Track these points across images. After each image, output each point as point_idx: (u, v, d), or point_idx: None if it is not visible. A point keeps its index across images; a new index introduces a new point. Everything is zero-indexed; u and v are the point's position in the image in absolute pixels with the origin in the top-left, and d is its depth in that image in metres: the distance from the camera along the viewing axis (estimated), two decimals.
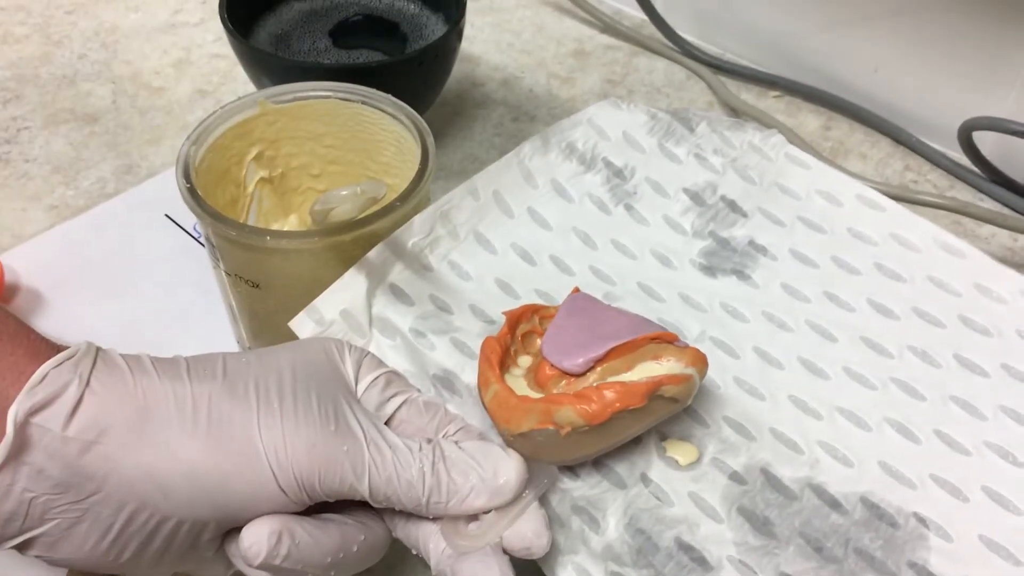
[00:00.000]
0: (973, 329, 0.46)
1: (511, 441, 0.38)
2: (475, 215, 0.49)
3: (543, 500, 0.38)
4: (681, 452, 0.41)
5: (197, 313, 0.55)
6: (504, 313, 0.42)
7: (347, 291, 0.44)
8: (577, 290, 0.43)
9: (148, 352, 0.36)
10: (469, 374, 0.43)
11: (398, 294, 0.45)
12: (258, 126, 0.50)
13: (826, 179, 0.52)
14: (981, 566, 0.38)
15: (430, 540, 0.36)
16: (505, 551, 0.36)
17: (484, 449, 0.37)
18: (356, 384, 0.38)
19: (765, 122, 0.66)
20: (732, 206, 0.51)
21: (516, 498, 0.36)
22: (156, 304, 0.56)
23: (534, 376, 0.40)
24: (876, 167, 0.66)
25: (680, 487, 0.40)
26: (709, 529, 0.39)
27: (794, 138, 0.64)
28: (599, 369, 0.39)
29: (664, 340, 0.39)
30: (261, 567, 0.34)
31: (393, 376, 0.39)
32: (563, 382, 0.39)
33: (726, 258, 0.49)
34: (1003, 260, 0.55)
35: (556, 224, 0.50)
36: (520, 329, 0.42)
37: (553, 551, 0.38)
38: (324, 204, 0.42)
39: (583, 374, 0.39)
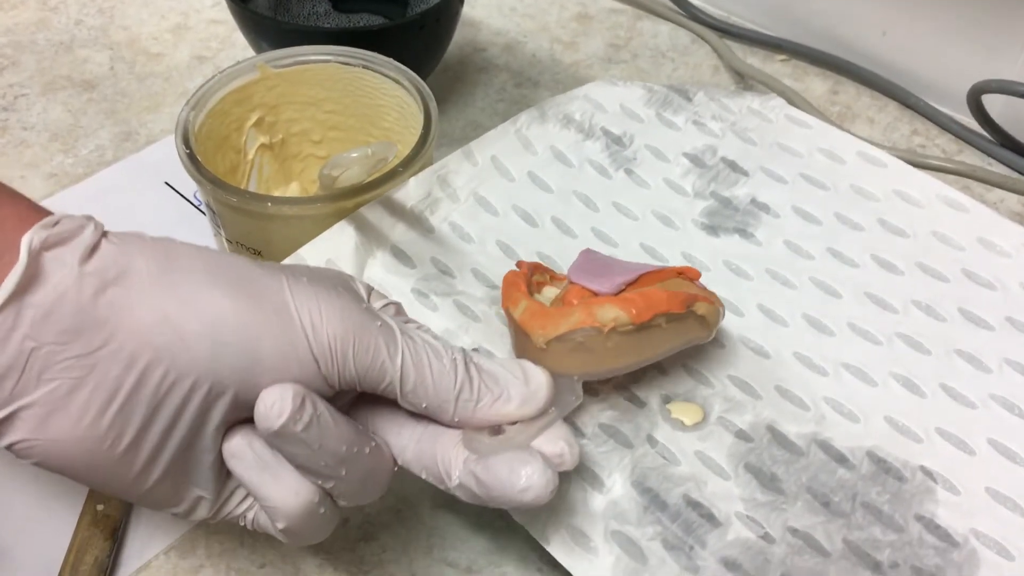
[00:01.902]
0: (977, 283, 0.46)
1: (541, 353, 0.37)
2: (474, 179, 0.49)
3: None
4: (686, 413, 0.40)
5: None
6: (519, 264, 0.42)
7: (332, 242, 0.44)
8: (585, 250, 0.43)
9: None
10: (472, 334, 0.43)
11: (399, 256, 0.45)
12: (258, 91, 0.49)
13: (828, 137, 0.52)
14: (988, 517, 0.38)
15: (450, 453, 0.34)
16: None
17: (513, 360, 0.35)
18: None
19: (772, 87, 0.65)
20: (733, 166, 0.51)
21: (544, 410, 0.35)
22: None
23: (562, 298, 0.39)
24: (884, 131, 0.66)
25: (687, 446, 0.40)
26: (717, 486, 0.39)
27: (801, 102, 0.64)
28: (628, 293, 0.38)
29: (688, 277, 0.40)
30: (280, 433, 0.30)
31: (400, 308, 0.38)
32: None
33: (728, 217, 0.49)
34: None
35: (557, 187, 0.49)
36: (534, 279, 0.42)
37: (544, 516, 0.38)
38: (333, 167, 0.41)
39: (615, 296, 0.38)
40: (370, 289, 0.37)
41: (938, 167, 0.58)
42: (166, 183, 0.60)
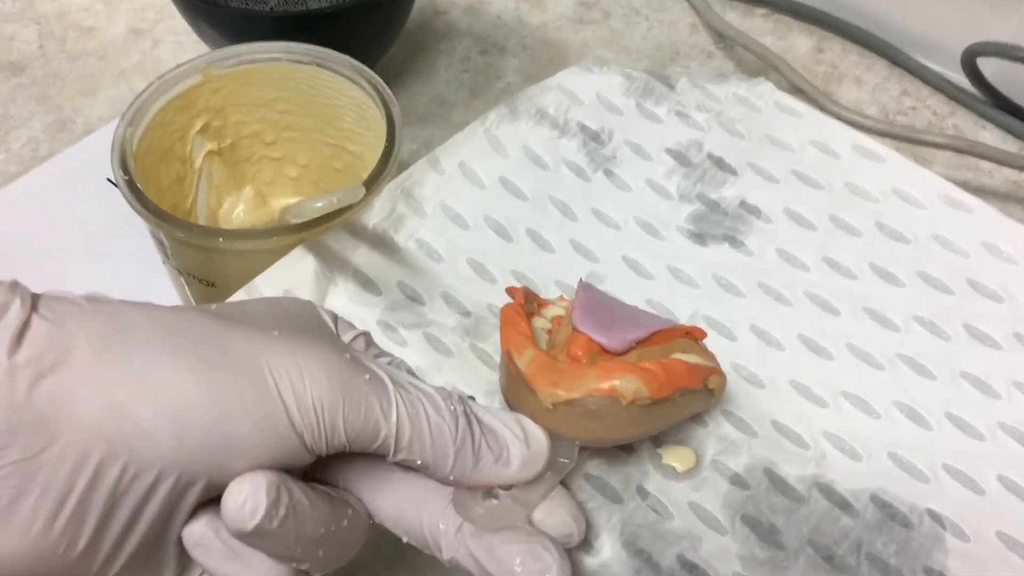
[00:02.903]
0: (983, 294, 0.43)
1: (545, 412, 0.34)
2: (441, 189, 0.45)
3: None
4: (678, 458, 0.38)
5: (150, 288, 0.50)
6: (510, 289, 0.38)
7: (291, 271, 0.40)
8: (582, 280, 0.39)
9: None
10: (446, 373, 0.39)
11: (363, 282, 0.41)
12: (202, 95, 0.45)
13: (820, 128, 0.48)
14: (1001, 566, 0.36)
15: (437, 518, 0.31)
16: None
17: (510, 416, 0.32)
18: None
19: (753, 49, 0.61)
20: (720, 164, 0.47)
21: (541, 475, 0.32)
22: (101, 283, 0.51)
23: (568, 349, 0.35)
24: (872, 93, 0.62)
25: (680, 496, 0.37)
26: (713, 543, 0.36)
27: (787, 69, 0.60)
28: (636, 352, 0.35)
29: (695, 337, 0.37)
30: (254, 532, 0.27)
31: (370, 338, 0.34)
32: (600, 361, 0.35)
33: (716, 222, 0.45)
34: (1008, 196, 0.52)
35: (532, 193, 0.45)
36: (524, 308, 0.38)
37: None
38: (297, 216, 0.37)
39: (623, 353, 0.35)
40: (335, 318, 0.34)
41: (933, 142, 0.54)
42: (108, 179, 0.56)
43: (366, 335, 0.34)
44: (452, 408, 0.30)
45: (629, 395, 0.33)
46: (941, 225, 0.45)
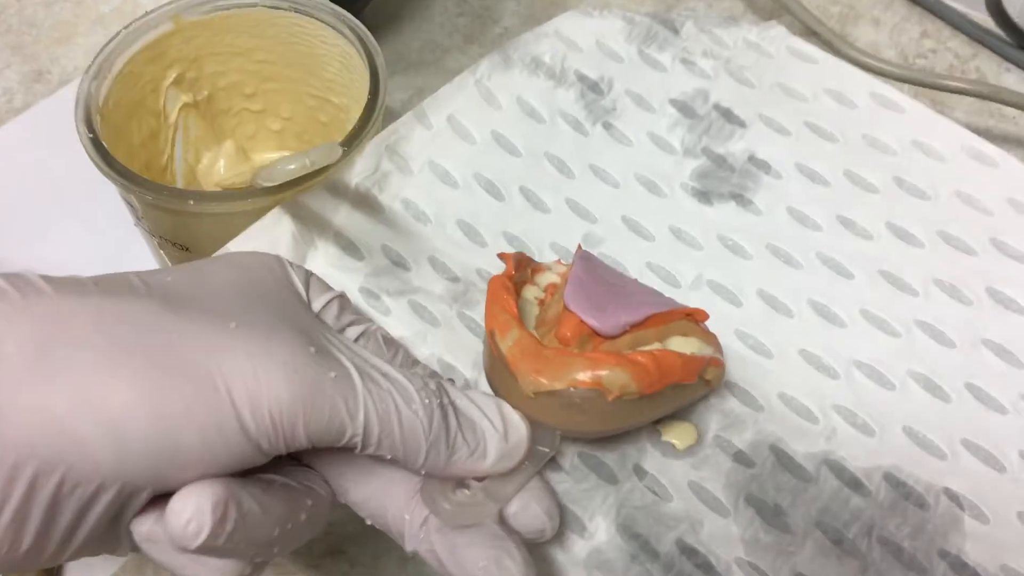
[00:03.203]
0: (1007, 254, 0.40)
1: (526, 400, 0.31)
2: (429, 145, 0.42)
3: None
4: (678, 434, 0.35)
5: (127, 252, 0.48)
6: (503, 256, 0.35)
7: (267, 234, 0.38)
8: (579, 249, 0.37)
9: None
10: (432, 344, 0.37)
11: (345, 246, 0.39)
12: (173, 45, 0.42)
13: (836, 75, 0.45)
14: (1021, 551, 0.34)
15: (402, 507, 0.30)
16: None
17: (490, 404, 0.30)
18: (311, 304, 0.31)
19: None
20: (727, 115, 0.44)
21: (518, 467, 0.30)
22: (79, 242, 0.49)
23: (557, 330, 0.33)
24: (890, 34, 0.59)
25: (679, 476, 0.35)
26: (714, 526, 0.34)
27: (795, 5, 0.56)
28: (630, 336, 0.33)
29: (696, 319, 0.34)
30: (200, 550, 0.25)
31: (346, 301, 0.32)
32: (590, 345, 0.33)
33: (723, 179, 0.42)
34: None
35: (525, 149, 0.43)
36: (515, 278, 0.36)
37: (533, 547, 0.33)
38: (268, 179, 0.34)
39: (615, 337, 0.33)
40: (308, 277, 0.31)
41: (955, 88, 0.51)
42: None
43: (341, 298, 0.32)
44: (427, 401, 0.28)
45: (616, 390, 0.31)
46: (964, 180, 0.42)
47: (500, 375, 0.32)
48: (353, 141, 0.37)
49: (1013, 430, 0.36)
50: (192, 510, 0.25)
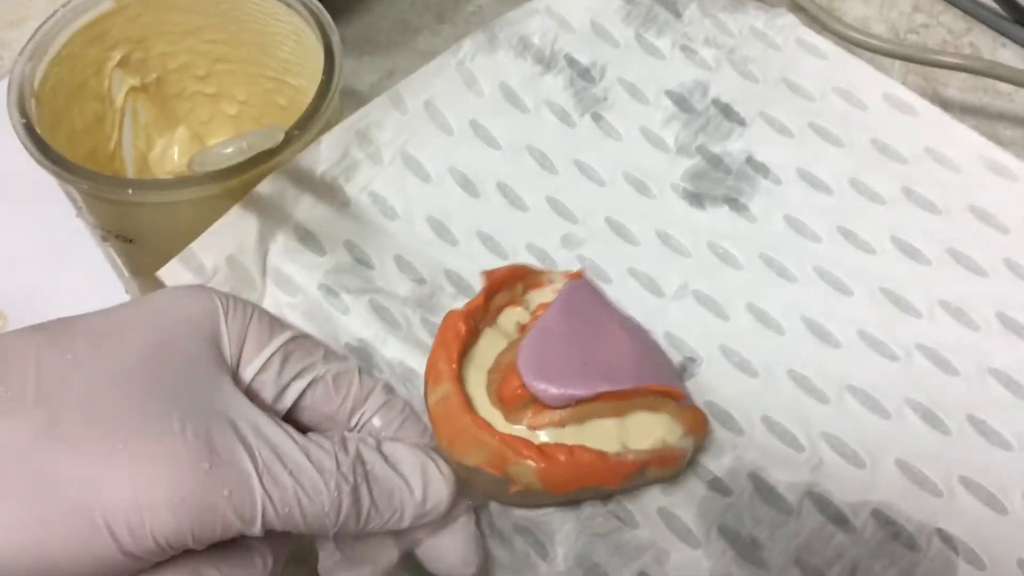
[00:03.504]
0: (1021, 277, 0.37)
1: (446, 458, 0.30)
2: (403, 132, 0.39)
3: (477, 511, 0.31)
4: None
5: (79, 252, 0.45)
6: (484, 275, 0.33)
7: (232, 232, 0.35)
8: (580, 274, 0.34)
9: (9, 310, 0.26)
10: (392, 347, 0.34)
11: (305, 238, 0.36)
12: (116, 24, 0.39)
13: (847, 73, 0.42)
14: None
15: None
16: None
17: (413, 462, 0.29)
18: (241, 368, 0.29)
19: None
20: (727, 111, 0.41)
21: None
22: (27, 237, 0.46)
23: (497, 387, 0.31)
24: (880, 9, 0.55)
25: (648, 502, 0.32)
26: (681, 558, 0.31)
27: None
28: (580, 407, 0.30)
29: (670, 396, 0.31)
30: None
31: (292, 347, 0.29)
32: (530, 410, 0.30)
33: (717, 181, 0.39)
34: None
35: (506, 142, 0.40)
36: (496, 300, 0.33)
37: (500, 567, 0.31)
38: (203, 166, 0.32)
39: (559, 408, 0.30)
40: (248, 324, 0.29)
41: (947, 64, 0.47)
42: None
43: (284, 348, 0.29)
44: (335, 494, 0.27)
45: (519, 485, 0.29)
46: (979, 194, 0.39)
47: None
48: (305, 125, 0.34)
49: (1018, 468, 0.33)
50: None
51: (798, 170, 0.39)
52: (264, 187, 0.36)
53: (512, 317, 0.34)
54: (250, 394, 0.28)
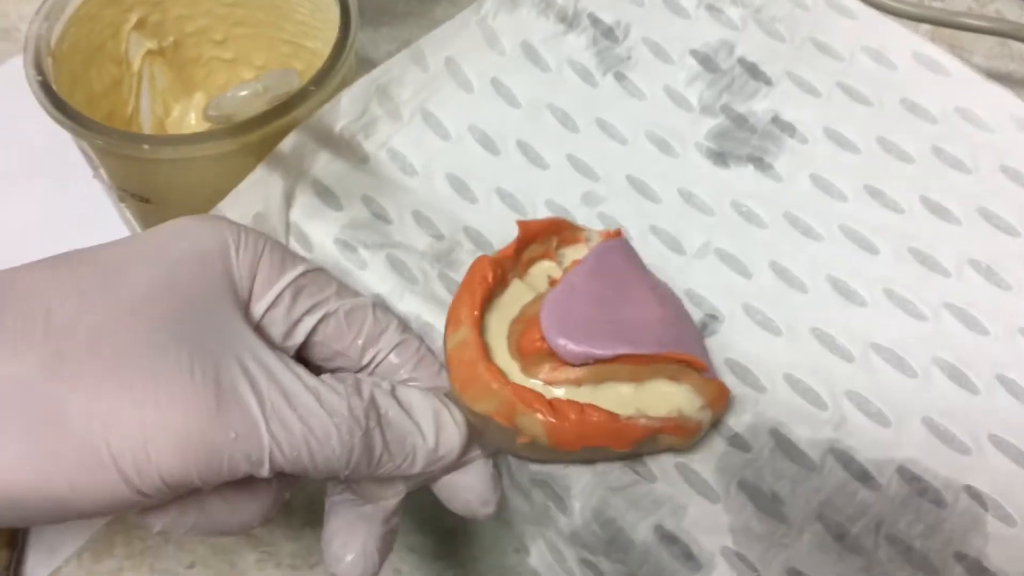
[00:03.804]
0: None
1: (458, 403, 0.30)
2: (423, 89, 0.39)
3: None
4: None
5: (96, 214, 0.45)
6: (519, 224, 0.32)
7: (259, 190, 0.35)
8: (619, 233, 0.34)
9: None
10: (409, 302, 0.34)
11: (323, 194, 0.36)
12: None
13: (877, 33, 0.41)
14: None
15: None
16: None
17: (426, 408, 0.29)
18: (252, 303, 0.28)
19: None
20: (753, 71, 0.40)
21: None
22: (47, 201, 0.47)
23: (517, 339, 0.30)
24: None
25: (665, 458, 0.31)
26: (700, 511, 0.30)
27: None
28: (595, 368, 0.29)
29: (691, 366, 0.30)
30: None
31: (303, 282, 0.29)
32: (547, 365, 0.30)
33: (742, 141, 0.39)
34: None
35: (527, 100, 0.39)
36: (528, 252, 0.33)
37: (521, 520, 0.31)
38: (219, 110, 0.32)
39: (576, 366, 0.30)
40: (260, 257, 0.28)
41: (973, 27, 0.46)
42: None
43: (295, 283, 0.29)
44: (346, 437, 0.26)
45: (526, 437, 0.28)
46: (1010, 153, 0.38)
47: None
48: (322, 81, 0.34)
49: None
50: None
51: (825, 129, 0.39)
52: (287, 144, 0.36)
53: (543, 271, 0.33)
54: (260, 330, 0.28)
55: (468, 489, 0.29)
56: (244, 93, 0.31)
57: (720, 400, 0.31)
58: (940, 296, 0.35)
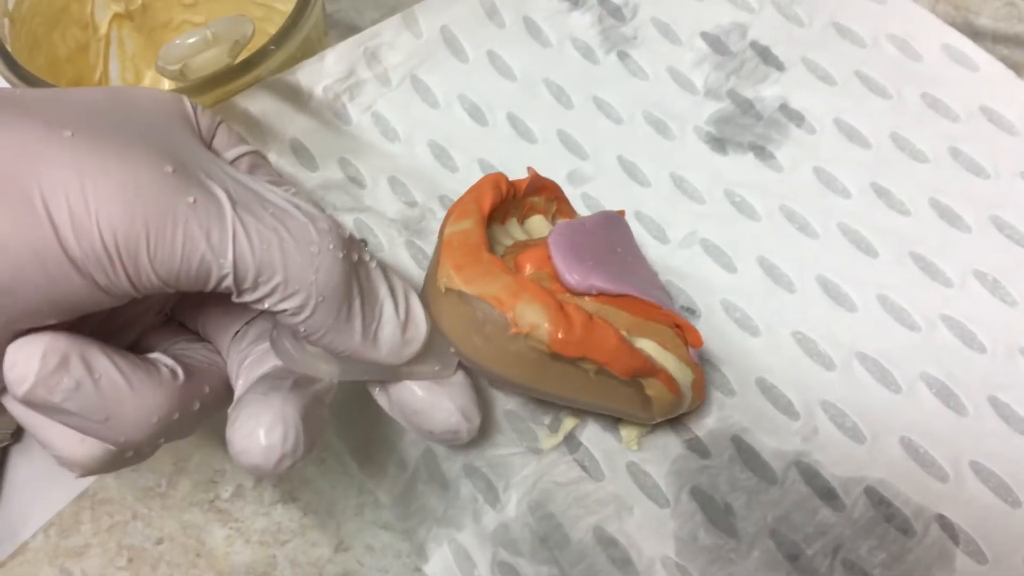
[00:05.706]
0: None
1: (433, 298, 0.26)
2: (415, 55, 0.37)
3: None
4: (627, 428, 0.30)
5: None
6: (531, 169, 0.30)
7: None
8: (623, 213, 0.32)
9: None
10: None
11: (300, 152, 0.35)
12: None
13: (905, 20, 0.38)
14: None
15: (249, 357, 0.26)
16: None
17: (400, 284, 0.26)
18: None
19: None
20: (764, 55, 0.38)
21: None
22: None
23: (520, 255, 0.28)
24: None
25: (617, 455, 0.30)
26: (645, 515, 0.29)
27: None
28: (598, 305, 0.27)
29: (686, 338, 0.28)
30: (30, 401, 0.22)
31: (260, 160, 0.27)
32: (547, 285, 0.27)
33: (745, 127, 0.36)
34: None
35: (522, 73, 0.38)
36: (529, 200, 0.31)
37: (427, 520, 0.29)
38: (167, 60, 0.30)
39: (579, 295, 0.27)
40: (216, 123, 0.26)
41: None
42: None
43: (254, 155, 0.27)
44: (329, 244, 0.23)
45: (524, 326, 0.25)
46: None
47: (431, 265, 0.27)
48: (282, 40, 0.33)
49: None
50: (18, 354, 0.22)
51: (836, 120, 0.36)
52: (253, 96, 0.34)
53: (540, 223, 0.31)
54: None
55: (451, 401, 0.26)
56: (192, 40, 0.29)
57: (701, 389, 0.29)
58: (938, 307, 0.32)
